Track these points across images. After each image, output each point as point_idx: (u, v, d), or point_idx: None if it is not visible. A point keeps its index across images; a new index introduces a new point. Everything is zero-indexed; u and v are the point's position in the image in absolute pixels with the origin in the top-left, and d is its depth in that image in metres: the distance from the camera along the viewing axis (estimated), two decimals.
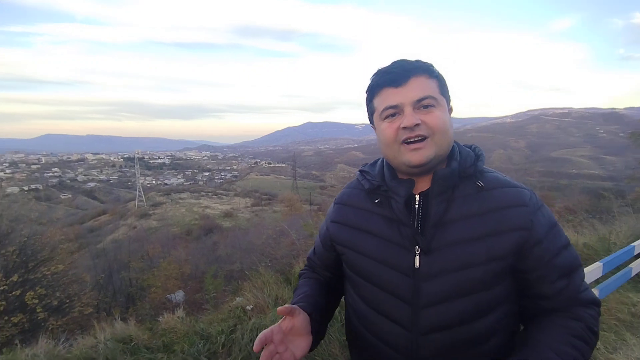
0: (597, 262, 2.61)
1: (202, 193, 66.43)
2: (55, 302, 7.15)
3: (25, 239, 7.26)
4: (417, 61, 0.87)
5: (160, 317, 3.68)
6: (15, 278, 6.69)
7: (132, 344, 2.92)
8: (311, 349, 0.88)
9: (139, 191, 62.89)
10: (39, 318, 6.63)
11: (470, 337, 0.83)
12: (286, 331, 0.84)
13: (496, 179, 0.89)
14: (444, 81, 0.89)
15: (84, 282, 8.50)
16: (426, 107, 0.83)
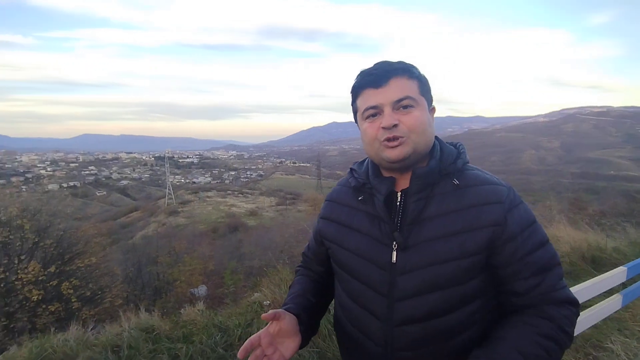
0: (621, 267, 2.51)
1: (229, 192, 67.91)
2: (88, 293, 7.56)
3: (62, 232, 7.70)
4: (399, 62, 0.91)
5: (182, 309, 3.84)
6: (52, 269, 7.13)
7: (154, 334, 3.07)
8: (301, 347, 0.94)
9: (169, 189, 64.96)
10: (73, 307, 7.03)
11: (443, 329, 0.86)
12: (274, 334, 0.89)
13: (475, 176, 0.91)
14: (426, 82, 0.93)
15: (115, 275, 8.92)
16: (405, 107, 0.87)
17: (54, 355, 2.70)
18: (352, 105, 0.98)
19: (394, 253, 0.88)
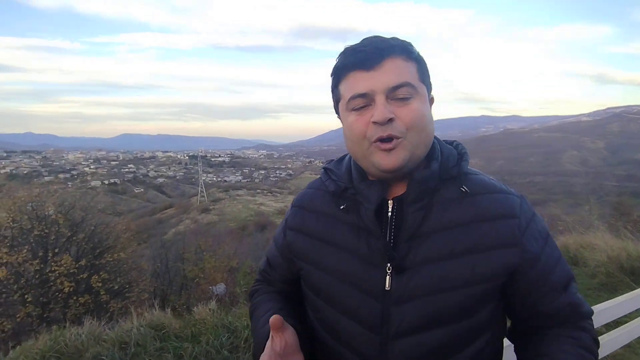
0: None
1: (258, 190, 69.17)
2: (116, 287, 7.86)
3: (93, 227, 8.07)
4: (394, 39, 0.73)
5: (195, 308, 3.86)
6: (83, 262, 7.46)
7: (163, 332, 3.08)
8: None
9: (201, 187, 66.97)
10: (102, 300, 7.33)
11: None
12: (281, 352, 0.69)
13: (482, 182, 0.76)
14: (425, 64, 0.75)
15: (143, 270, 9.22)
16: (402, 98, 0.69)
17: (65, 349, 2.76)
18: (332, 91, 0.78)
19: (388, 277, 0.71)
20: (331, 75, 0.77)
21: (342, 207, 0.77)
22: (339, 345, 0.76)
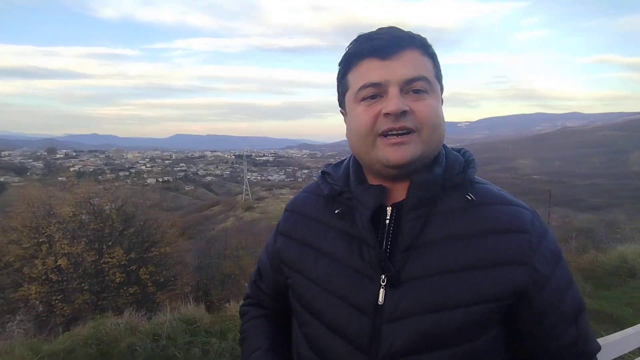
0: None
1: (300, 189, 69.96)
2: (162, 279, 8.35)
3: (142, 222, 8.63)
4: (410, 32, 0.68)
5: (227, 304, 3.97)
6: (133, 255, 8.00)
7: (193, 326, 3.20)
8: None
9: (246, 186, 69.15)
10: (148, 291, 7.81)
11: None
12: None
13: (490, 192, 0.69)
14: (439, 63, 0.70)
15: (187, 264, 9.71)
16: (417, 91, 0.64)
17: (105, 337, 2.96)
18: (339, 81, 0.72)
19: (382, 290, 0.64)
20: (339, 64, 0.72)
21: (336, 212, 0.72)
22: None
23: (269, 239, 0.86)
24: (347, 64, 0.70)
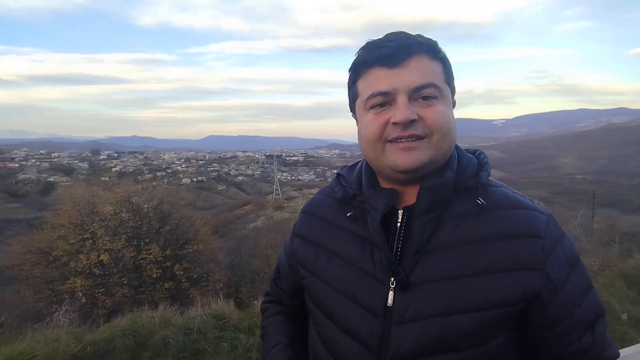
0: None
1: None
2: (195, 276, 8.67)
3: (177, 221, 9.00)
4: (419, 36, 0.68)
5: (256, 301, 4.08)
6: (168, 252, 8.36)
7: (223, 321, 3.31)
8: None
9: (276, 185, 70.14)
10: (183, 287, 8.14)
11: None
12: None
13: (503, 195, 0.68)
14: (450, 65, 0.70)
15: (219, 262, 10.01)
16: (426, 98, 0.65)
17: (141, 329, 3.12)
18: (349, 88, 0.74)
19: (391, 293, 0.65)
20: (349, 71, 0.73)
21: (348, 215, 0.73)
22: None
23: (287, 240, 0.89)
24: (356, 72, 0.71)
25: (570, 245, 0.67)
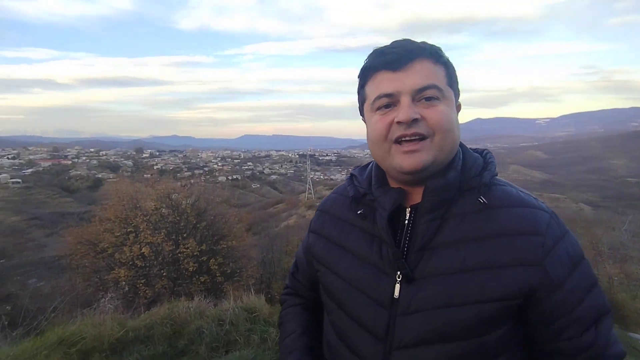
0: None
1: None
2: (229, 270, 8.95)
3: (212, 217, 9.33)
4: (423, 43, 0.73)
5: None
6: (204, 247, 8.69)
7: (254, 315, 3.42)
8: None
9: (309, 185, 70.67)
10: (217, 281, 8.43)
11: None
12: None
13: (507, 194, 0.71)
14: (454, 70, 0.74)
15: (252, 258, 10.28)
16: (428, 99, 0.69)
17: (177, 318, 3.30)
18: (358, 92, 0.79)
19: (397, 286, 0.70)
20: (358, 77, 0.78)
21: (358, 212, 0.78)
22: (347, 349, 0.76)
23: (305, 237, 0.95)
24: (364, 76, 0.76)
25: (573, 243, 0.69)
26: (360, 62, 0.78)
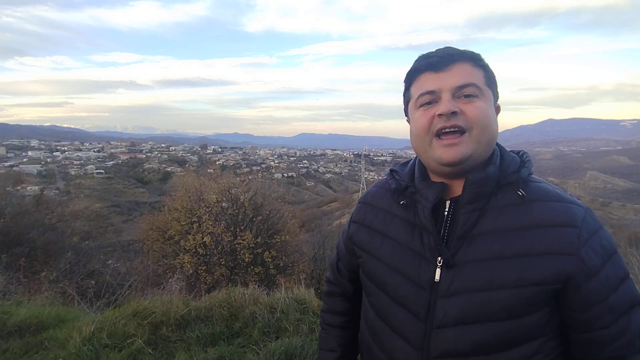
0: None
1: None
2: (282, 264, 9.28)
3: (268, 212, 9.74)
4: (465, 50, 0.79)
5: None
6: (259, 240, 9.10)
7: (303, 306, 3.58)
8: None
9: (363, 185, 70.27)
10: (270, 273, 8.79)
11: None
12: None
13: (543, 190, 0.75)
14: (492, 74, 0.80)
15: (304, 254, 10.53)
16: (467, 96, 0.74)
17: (234, 303, 3.56)
18: (404, 95, 0.85)
19: (438, 270, 0.75)
20: (404, 81, 0.85)
21: (401, 203, 0.85)
22: (388, 328, 0.82)
23: (345, 227, 1.02)
24: (409, 79, 0.83)
25: (607, 237, 0.72)
26: None
